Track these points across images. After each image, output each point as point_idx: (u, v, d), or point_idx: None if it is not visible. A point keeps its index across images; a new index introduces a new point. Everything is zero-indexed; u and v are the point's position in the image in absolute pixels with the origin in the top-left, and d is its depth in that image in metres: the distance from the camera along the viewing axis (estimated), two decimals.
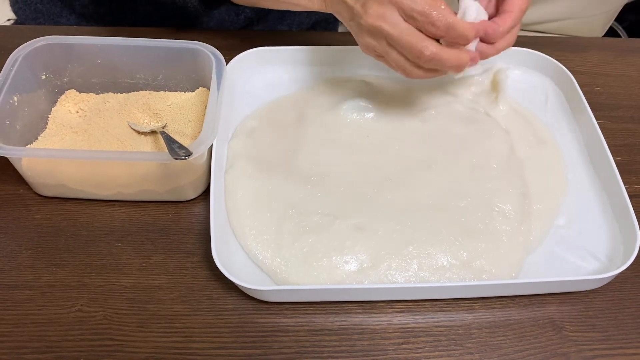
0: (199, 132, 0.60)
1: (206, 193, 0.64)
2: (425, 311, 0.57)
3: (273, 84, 0.76)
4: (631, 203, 0.61)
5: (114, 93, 0.71)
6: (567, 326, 0.56)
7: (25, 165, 0.60)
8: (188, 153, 0.57)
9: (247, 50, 0.74)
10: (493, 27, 0.61)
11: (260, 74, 0.76)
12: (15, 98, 0.63)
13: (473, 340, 0.55)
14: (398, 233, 0.60)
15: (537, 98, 0.76)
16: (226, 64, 0.67)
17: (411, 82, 0.76)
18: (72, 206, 0.63)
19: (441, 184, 0.64)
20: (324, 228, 0.60)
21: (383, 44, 0.59)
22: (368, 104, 0.71)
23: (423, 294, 0.57)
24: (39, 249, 0.60)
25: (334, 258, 0.58)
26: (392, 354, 0.54)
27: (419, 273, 0.57)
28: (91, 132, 0.66)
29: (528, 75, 0.79)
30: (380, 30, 0.58)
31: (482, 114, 0.72)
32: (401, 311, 0.57)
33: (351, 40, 0.65)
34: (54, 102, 0.69)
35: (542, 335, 0.56)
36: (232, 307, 0.56)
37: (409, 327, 0.56)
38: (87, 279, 0.57)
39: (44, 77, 0.68)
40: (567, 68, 0.76)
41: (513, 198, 0.63)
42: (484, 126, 0.71)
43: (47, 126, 0.67)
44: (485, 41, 0.62)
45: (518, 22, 0.63)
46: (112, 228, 0.62)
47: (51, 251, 0.59)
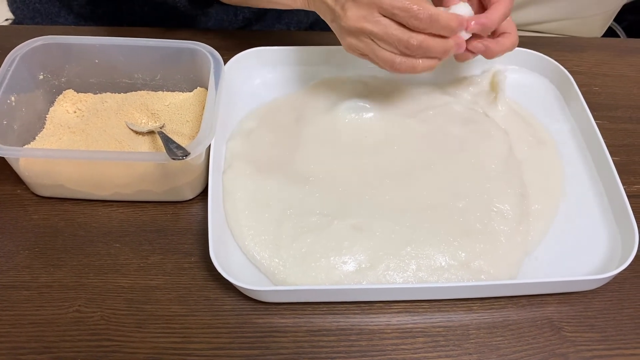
0: (197, 133, 0.60)
1: (204, 193, 0.64)
2: (423, 312, 0.57)
3: (271, 84, 0.76)
4: (630, 203, 0.61)
5: (112, 93, 0.71)
6: (566, 326, 0.56)
7: (22, 165, 0.60)
8: (186, 153, 0.57)
9: (245, 50, 0.74)
10: (484, 18, 0.60)
11: (258, 74, 0.76)
12: (12, 98, 0.62)
13: (471, 340, 0.55)
14: (396, 233, 0.60)
15: (536, 98, 0.76)
16: (224, 64, 0.67)
17: (410, 83, 0.76)
18: (70, 206, 0.63)
19: (440, 184, 0.64)
20: (322, 228, 0.60)
21: (367, 43, 0.59)
22: (366, 104, 0.71)
23: (421, 295, 0.57)
24: (37, 250, 0.59)
25: (332, 258, 0.58)
26: (390, 355, 0.54)
27: (418, 273, 0.57)
28: (89, 132, 0.66)
29: (527, 75, 0.79)
30: (362, 30, 0.58)
31: (481, 115, 0.72)
32: (399, 312, 0.57)
33: None
34: (52, 102, 0.69)
35: (541, 335, 0.56)
36: (230, 308, 0.56)
37: (407, 328, 0.56)
38: (85, 280, 0.57)
39: (42, 77, 0.68)
40: (566, 68, 0.76)
41: (512, 198, 0.63)
42: (483, 126, 0.71)
43: (45, 126, 0.67)
44: (482, 35, 0.62)
45: (508, 11, 0.62)
46: (110, 228, 0.61)
47: (49, 251, 0.59)
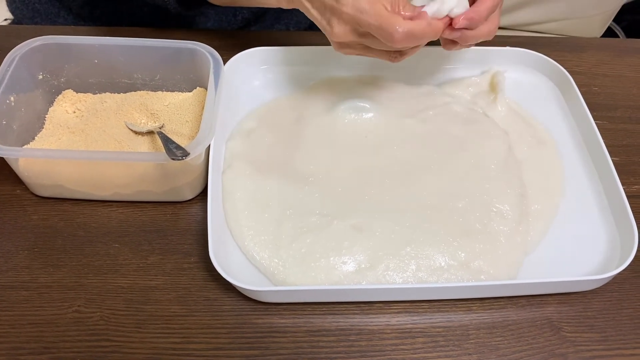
0: (197, 133, 0.60)
1: (204, 194, 0.64)
2: (423, 312, 0.57)
3: (271, 84, 0.76)
4: (629, 203, 0.61)
5: (112, 93, 0.71)
6: (565, 327, 0.56)
7: (22, 165, 0.60)
8: (185, 153, 0.57)
9: (245, 50, 0.74)
10: (472, 12, 0.58)
11: (258, 74, 0.76)
12: (12, 98, 0.62)
13: (471, 340, 0.55)
14: (396, 233, 0.60)
15: (536, 99, 0.76)
16: (224, 64, 0.67)
17: (410, 83, 0.76)
18: (69, 207, 0.63)
19: (439, 185, 0.64)
20: (322, 228, 0.60)
21: (359, 49, 0.60)
22: (366, 104, 0.71)
23: (421, 295, 0.57)
24: (36, 250, 0.59)
25: (332, 259, 0.58)
26: (390, 355, 0.54)
27: (417, 274, 0.57)
28: (88, 133, 0.66)
29: (526, 75, 0.79)
30: (350, 45, 0.59)
31: (481, 115, 0.72)
32: (399, 312, 0.57)
33: None
34: (51, 102, 0.69)
35: (540, 335, 0.56)
36: (230, 308, 0.56)
37: (407, 328, 0.56)
38: (84, 280, 0.57)
39: (41, 77, 0.68)
40: (565, 68, 0.76)
41: (511, 198, 0.63)
42: (483, 127, 0.71)
43: (44, 126, 0.67)
44: (472, 28, 0.59)
45: (496, 3, 0.59)
46: (110, 229, 0.61)
47: (48, 252, 0.59)
